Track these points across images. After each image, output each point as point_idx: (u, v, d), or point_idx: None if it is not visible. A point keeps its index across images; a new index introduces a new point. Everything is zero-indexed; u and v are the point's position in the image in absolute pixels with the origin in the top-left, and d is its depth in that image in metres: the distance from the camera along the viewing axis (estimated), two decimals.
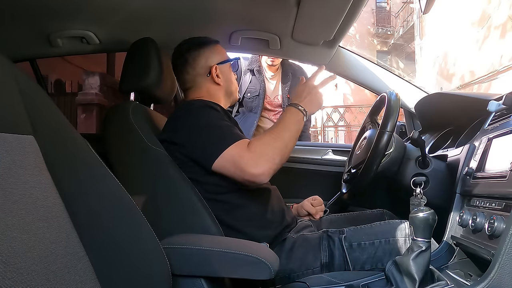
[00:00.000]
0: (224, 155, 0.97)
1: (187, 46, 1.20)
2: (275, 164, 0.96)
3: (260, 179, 0.95)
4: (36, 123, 0.52)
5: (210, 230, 0.99)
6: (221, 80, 1.20)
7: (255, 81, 2.25)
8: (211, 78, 1.19)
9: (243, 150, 0.96)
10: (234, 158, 0.96)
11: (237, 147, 0.97)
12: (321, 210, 1.34)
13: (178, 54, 1.20)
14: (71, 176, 0.56)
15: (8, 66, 0.51)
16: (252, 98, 2.23)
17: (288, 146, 1.00)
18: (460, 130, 1.29)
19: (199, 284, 0.76)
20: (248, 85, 2.25)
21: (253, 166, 0.94)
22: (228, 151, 0.97)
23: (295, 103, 1.06)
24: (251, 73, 2.27)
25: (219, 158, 0.97)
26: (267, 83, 2.28)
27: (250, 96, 2.24)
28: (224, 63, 1.22)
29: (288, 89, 2.26)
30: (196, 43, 1.20)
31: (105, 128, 1.10)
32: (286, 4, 1.23)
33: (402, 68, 13.88)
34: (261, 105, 2.22)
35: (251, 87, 2.24)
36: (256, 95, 2.23)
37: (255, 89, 2.24)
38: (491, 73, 7.85)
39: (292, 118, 1.04)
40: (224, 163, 0.97)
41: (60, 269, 0.48)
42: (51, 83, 6.02)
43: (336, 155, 1.87)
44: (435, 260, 0.94)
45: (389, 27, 15.32)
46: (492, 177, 0.87)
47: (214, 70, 1.19)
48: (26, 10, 1.28)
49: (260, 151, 0.96)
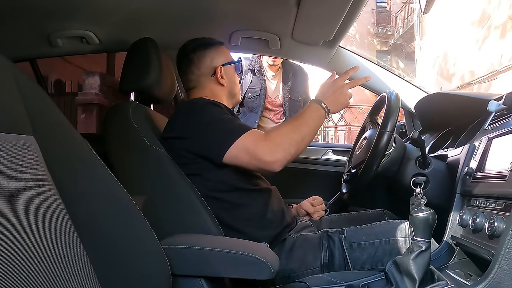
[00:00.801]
0: (236, 145, 0.98)
1: (193, 46, 1.20)
2: (290, 155, 0.98)
3: (273, 166, 0.97)
4: (36, 123, 0.52)
5: (210, 230, 0.99)
6: (225, 81, 1.20)
7: (256, 81, 2.25)
8: (215, 79, 1.20)
9: (258, 138, 0.99)
10: (248, 147, 0.98)
11: (250, 135, 0.99)
12: (321, 210, 1.34)
13: (183, 54, 1.20)
14: (71, 176, 0.56)
15: (8, 66, 0.51)
16: (253, 98, 2.23)
17: (305, 140, 1.02)
18: (460, 130, 1.29)
19: (199, 284, 0.76)
20: (249, 85, 2.25)
21: (269, 153, 0.97)
22: (241, 140, 0.98)
23: (319, 100, 1.06)
24: (252, 73, 2.26)
25: (231, 148, 0.98)
26: (268, 83, 2.28)
27: (251, 96, 2.23)
28: (229, 64, 1.23)
29: (289, 89, 2.26)
30: (202, 44, 1.20)
31: (105, 128, 1.10)
32: (286, 4, 1.23)
33: (402, 68, 13.88)
34: (262, 105, 2.22)
35: (252, 87, 2.24)
36: (257, 95, 2.23)
37: (256, 89, 2.24)
38: (491, 73, 7.85)
39: (313, 114, 1.05)
40: (237, 153, 0.98)
41: (60, 269, 0.48)
42: (51, 83, 6.01)
43: (336, 155, 1.87)
44: (435, 260, 0.94)
45: (389, 27, 15.32)
46: (492, 177, 0.87)
47: (219, 71, 1.19)
48: (26, 10, 1.28)
49: (277, 140, 0.98)
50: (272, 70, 2.27)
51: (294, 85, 2.29)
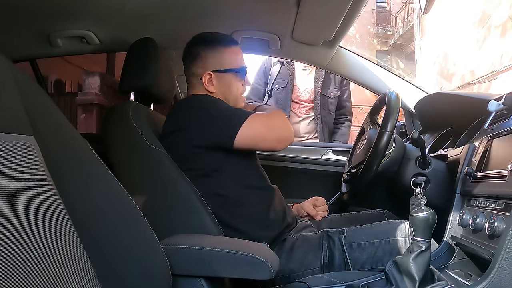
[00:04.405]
0: (246, 125, 1.02)
1: (195, 42, 1.17)
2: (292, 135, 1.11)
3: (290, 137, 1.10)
4: (36, 123, 0.52)
5: (210, 230, 0.99)
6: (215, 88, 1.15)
7: (284, 72, 2.17)
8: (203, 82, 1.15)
9: (264, 117, 1.07)
10: (262, 119, 1.06)
11: (256, 115, 1.06)
12: (323, 211, 1.33)
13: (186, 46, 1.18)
14: (71, 176, 0.56)
15: (8, 66, 0.51)
16: (279, 90, 2.17)
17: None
18: (460, 130, 1.29)
19: (199, 284, 0.76)
20: (277, 76, 2.18)
21: (281, 126, 1.08)
22: (249, 120, 1.03)
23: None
24: (280, 64, 2.19)
25: (242, 129, 1.01)
26: (299, 74, 2.18)
27: (278, 87, 2.17)
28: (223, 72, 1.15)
29: (321, 83, 2.15)
30: (203, 41, 1.16)
31: (105, 128, 1.10)
32: (286, 4, 1.23)
33: (402, 68, 13.89)
34: (289, 99, 2.14)
35: (279, 78, 2.18)
36: (283, 86, 2.16)
37: (283, 81, 2.17)
38: (491, 73, 7.86)
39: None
40: (248, 132, 1.02)
41: (60, 269, 0.48)
42: (51, 83, 6.01)
43: (336, 155, 1.87)
44: (435, 260, 0.93)
45: (389, 27, 15.33)
46: (492, 177, 0.87)
47: (208, 76, 1.14)
48: (26, 10, 1.28)
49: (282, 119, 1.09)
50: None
51: (327, 80, 2.18)
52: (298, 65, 2.19)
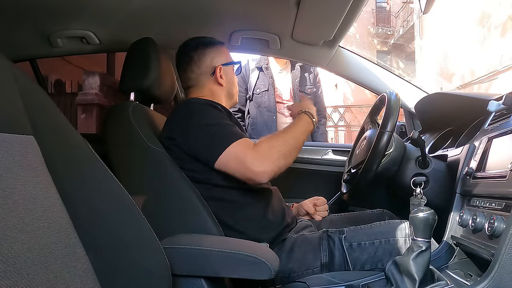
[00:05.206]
0: (227, 152, 0.98)
1: (194, 45, 1.20)
2: (277, 167, 0.98)
3: (261, 178, 0.97)
4: (36, 123, 0.52)
5: (210, 230, 0.99)
6: (224, 81, 1.21)
7: (263, 77, 2.31)
8: (214, 78, 1.20)
9: (247, 148, 0.98)
10: (238, 155, 0.97)
11: (240, 144, 0.98)
12: (323, 210, 1.33)
13: (184, 52, 1.20)
14: (71, 176, 0.56)
15: (8, 66, 0.51)
16: (261, 93, 2.30)
17: (293, 154, 1.04)
18: (460, 130, 1.29)
19: (199, 284, 0.76)
20: (257, 81, 2.31)
21: (257, 165, 0.96)
22: (232, 148, 0.98)
23: (311, 113, 1.10)
24: (258, 70, 2.33)
25: (223, 155, 0.98)
26: (276, 77, 2.33)
27: (259, 91, 2.30)
28: (229, 64, 1.23)
29: (298, 81, 2.32)
30: (203, 42, 1.21)
31: (105, 128, 1.10)
32: (286, 4, 1.23)
33: (402, 68, 13.89)
34: (273, 101, 2.28)
35: (260, 83, 2.31)
36: (265, 90, 2.29)
37: (264, 85, 2.30)
38: (491, 73, 7.85)
39: (303, 127, 1.10)
40: (228, 159, 0.98)
41: (60, 269, 0.48)
42: (51, 83, 6.02)
43: (336, 155, 1.87)
44: (435, 260, 0.93)
45: (389, 27, 15.31)
46: (492, 177, 0.87)
47: (218, 71, 1.19)
48: (27, 10, 1.28)
49: (267, 152, 0.98)
50: (279, 63, 2.33)
51: (303, 77, 2.34)
52: (274, 69, 2.34)
